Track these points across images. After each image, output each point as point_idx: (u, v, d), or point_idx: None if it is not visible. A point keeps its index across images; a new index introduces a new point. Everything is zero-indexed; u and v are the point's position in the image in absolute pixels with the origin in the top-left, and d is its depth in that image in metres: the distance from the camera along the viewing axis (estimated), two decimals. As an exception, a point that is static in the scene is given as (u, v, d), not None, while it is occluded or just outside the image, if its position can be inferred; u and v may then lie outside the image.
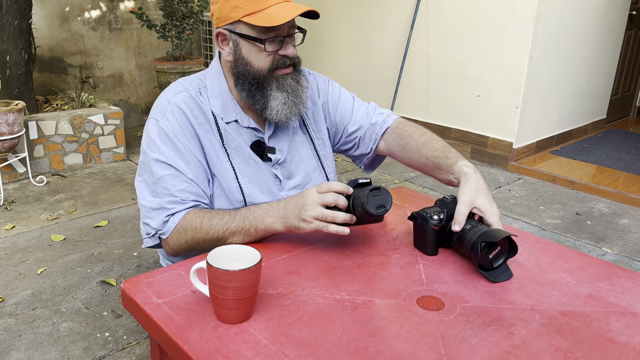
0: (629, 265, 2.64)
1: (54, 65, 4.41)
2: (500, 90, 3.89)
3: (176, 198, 1.18)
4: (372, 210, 1.04)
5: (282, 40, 1.20)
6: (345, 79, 4.99)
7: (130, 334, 2.02)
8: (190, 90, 1.26)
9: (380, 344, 0.84)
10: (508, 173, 3.92)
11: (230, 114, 1.28)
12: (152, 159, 1.21)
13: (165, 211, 1.18)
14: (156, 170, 1.20)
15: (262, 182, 1.30)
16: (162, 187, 1.19)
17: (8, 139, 3.16)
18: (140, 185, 1.24)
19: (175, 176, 1.19)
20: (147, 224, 1.21)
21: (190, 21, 4.45)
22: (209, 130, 1.25)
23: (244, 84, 1.24)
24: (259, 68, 1.22)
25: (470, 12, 3.94)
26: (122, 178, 3.62)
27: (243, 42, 1.21)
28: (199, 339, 0.84)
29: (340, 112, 1.44)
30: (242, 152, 1.28)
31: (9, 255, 2.56)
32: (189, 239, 1.17)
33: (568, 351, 0.84)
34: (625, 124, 5.19)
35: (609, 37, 4.51)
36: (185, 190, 1.19)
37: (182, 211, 1.18)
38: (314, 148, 1.40)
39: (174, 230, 1.17)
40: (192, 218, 1.16)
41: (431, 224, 1.10)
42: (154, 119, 1.24)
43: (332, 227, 1.07)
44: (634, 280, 1.06)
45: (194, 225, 1.16)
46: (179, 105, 1.23)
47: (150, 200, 1.20)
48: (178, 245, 1.19)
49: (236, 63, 1.23)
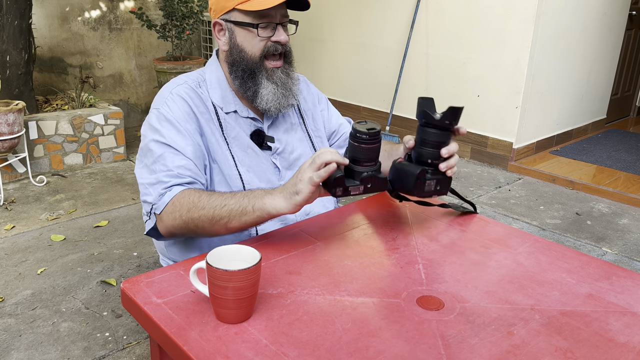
0: (629, 265, 2.64)
1: (54, 65, 4.41)
2: (500, 90, 3.89)
3: (173, 172, 1.18)
4: (362, 130, 1.02)
5: (275, 27, 1.25)
6: (345, 79, 4.99)
7: (130, 334, 2.02)
8: (190, 82, 1.30)
9: (380, 344, 0.84)
10: (508, 173, 3.92)
11: (229, 104, 1.32)
12: (151, 140, 1.23)
13: (162, 184, 1.18)
14: (155, 150, 1.21)
15: (260, 171, 1.32)
16: (161, 164, 1.20)
17: (8, 139, 3.16)
18: (140, 169, 1.25)
19: (174, 154, 1.20)
20: (145, 201, 1.21)
21: (190, 21, 4.45)
22: (210, 119, 1.28)
23: (237, 72, 1.28)
24: (252, 54, 1.26)
25: (470, 12, 3.94)
26: (122, 178, 3.62)
27: (238, 30, 1.26)
28: (198, 339, 0.84)
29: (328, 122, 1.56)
30: (241, 142, 1.31)
31: (9, 255, 2.56)
32: (184, 214, 1.14)
33: (568, 351, 0.84)
34: (625, 124, 5.19)
35: (609, 37, 4.51)
36: (184, 167, 1.19)
37: (179, 186, 1.17)
38: (312, 145, 1.44)
39: (168, 203, 1.16)
40: (190, 193, 1.15)
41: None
42: (155, 109, 1.27)
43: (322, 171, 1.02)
44: (633, 280, 1.06)
45: (191, 199, 1.14)
46: (180, 95, 1.26)
47: (148, 177, 1.21)
48: (171, 221, 1.16)
49: (231, 51, 1.29)
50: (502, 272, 1.07)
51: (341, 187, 1.06)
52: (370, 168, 1.08)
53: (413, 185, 1.14)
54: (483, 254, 1.14)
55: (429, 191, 1.16)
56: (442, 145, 1.14)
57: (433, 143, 1.13)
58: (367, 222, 1.29)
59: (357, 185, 1.07)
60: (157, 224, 1.21)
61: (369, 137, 1.04)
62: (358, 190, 1.08)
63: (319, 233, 1.22)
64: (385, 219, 1.30)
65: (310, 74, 5.17)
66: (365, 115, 4.86)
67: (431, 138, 1.13)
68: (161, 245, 1.39)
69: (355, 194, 1.08)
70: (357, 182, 1.07)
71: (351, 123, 1.62)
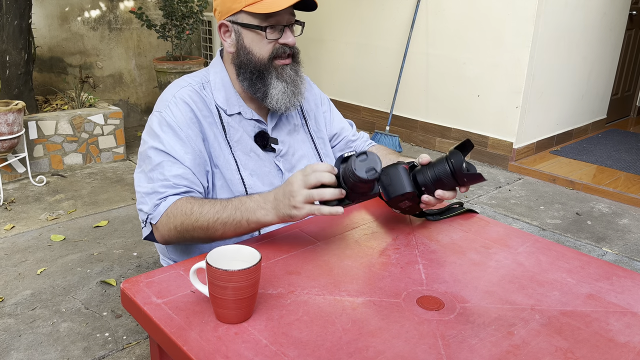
0: (629, 265, 2.64)
1: (53, 65, 4.41)
2: (500, 90, 3.89)
3: (169, 182, 1.18)
4: (362, 175, 1.00)
5: (282, 29, 1.25)
6: (345, 79, 4.99)
7: (130, 334, 2.02)
8: (194, 85, 1.29)
9: (380, 344, 0.84)
10: (508, 173, 3.92)
11: (233, 106, 1.31)
12: (150, 147, 1.22)
13: (157, 195, 1.18)
14: (154, 157, 1.21)
15: (263, 175, 1.32)
16: (159, 173, 1.19)
17: (8, 139, 3.16)
18: (138, 175, 1.25)
19: (173, 163, 1.20)
20: (141, 210, 1.21)
21: (190, 21, 4.45)
22: (213, 123, 1.28)
23: (246, 73, 1.28)
24: (260, 56, 1.26)
25: (470, 12, 3.94)
26: (122, 178, 3.61)
27: (245, 32, 1.25)
28: (198, 339, 0.84)
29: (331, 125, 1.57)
30: (244, 145, 1.31)
31: (9, 255, 2.56)
32: (178, 225, 1.14)
33: (568, 351, 0.84)
34: (625, 124, 5.19)
35: (609, 37, 4.51)
36: (180, 176, 1.19)
37: (174, 196, 1.17)
38: (314, 146, 1.44)
39: (163, 214, 1.16)
40: (183, 204, 1.15)
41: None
42: (157, 112, 1.26)
43: (324, 209, 1.03)
44: (634, 280, 1.06)
45: (184, 210, 1.14)
46: (183, 99, 1.25)
47: (145, 186, 1.20)
48: (167, 231, 1.17)
49: (238, 53, 1.28)
50: (502, 272, 1.07)
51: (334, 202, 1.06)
52: (365, 198, 1.09)
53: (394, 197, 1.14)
54: (483, 254, 1.14)
55: (399, 207, 1.19)
56: (441, 186, 1.13)
57: (439, 180, 1.13)
58: (367, 222, 1.29)
59: (350, 203, 1.08)
60: (153, 232, 1.21)
61: (367, 180, 1.01)
62: (350, 205, 1.09)
63: (319, 233, 1.22)
64: (385, 219, 1.30)
65: (311, 74, 5.17)
66: (366, 115, 4.86)
67: (442, 176, 1.12)
68: (161, 246, 1.39)
69: (348, 205, 1.09)
70: (350, 201, 1.07)
71: (353, 127, 1.61)
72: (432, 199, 1.14)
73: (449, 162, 1.12)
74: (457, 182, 1.13)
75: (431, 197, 1.14)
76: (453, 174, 1.11)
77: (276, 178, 1.34)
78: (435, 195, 1.13)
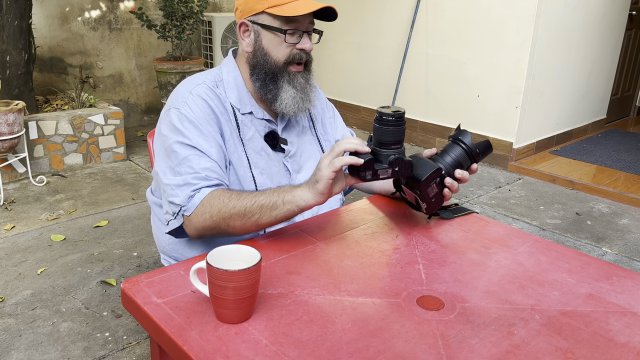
0: (629, 265, 2.64)
1: (54, 65, 4.41)
2: (500, 90, 3.89)
3: (200, 174, 1.19)
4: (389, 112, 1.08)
5: (301, 35, 1.27)
6: (345, 78, 4.99)
7: (130, 334, 2.02)
8: (208, 82, 1.31)
9: (380, 344, 0.84)
10: (508, 173, 3.92)
11: (245, 105, 1.33)
12: (175, 141, 1.23)
13: (190, 186, 1.18)
14: (180, 151, 1.21)
15: (272, 174, 1.34)
16: (187, 166, 1.20)
17: (8, 139, 3.16)
18: (162, 168, 1.25)
19: (200, 156, 1.21)
20: (172, 202, 1.20)
21: (190, 21, 4.44)
22: (228, 120, 1.29)
23: (259, 74, 1.30)
24: (276, 59, 1.28)
25: (470, 12, 3.94)
26: (122, 178, 3.62)
27: (265, 33, 1.27)
28: (199, 339, 0.84)
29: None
30: (256, 143, 1.33)
31: (9, 255, 2.56)
32: (214, 214, 1.15)
33: (568, 351, 0.84)
34: (625, 124, 5.19)
35: (609, 37, 4.51)
36: (210, 169, 1.20)
37: (207, 187, 1.18)
38: (321, 149, 1.46)
39: (199, 205, 1.17)
40: (220, 193, 1.17)
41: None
42: (175, 108, 1.26)
43: (345, 158, 1.07)
44: (634, 280, 1.06)
45: (221, 200, 1.15)
46: (200, 95, 1.27)
47: (174, 179, 1.20)
48: (202, 222, 1.17)
49: (255, 53, 1.30)
50: (502, 272, 1.07)
51: (370, 170, 1.09)
52: (397, 150, 1.11)
53: (427, 175, 1.15)
54: (483, 254, 1.14)
55: (426, 199, 1.19)
56: (459, 166, 1.21)
57: (457, 162, 1.20)
58: (367, 222, 1.29)
59: (385, 169, 1.10)
60: (184, 225, 1.21)
61: (394, 119, 1.08)
62: (387, 174, 1.11)
63: (319, 233, 1.22)
64: (385, 219, 1.31)
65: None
66: (365, 115, 4.86)
67: (460, 158, 1.21)
68: (163, 244, 1.39)
69: (384, 177, 1.10)
70: (386, 165, 1.10)
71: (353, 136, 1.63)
72: (466, 174, 1.22)
73: (461, 144, 1.21)
74: (473, 159, 1.22)
75: (465, 172, 1.22)
76: (468, 152, 1.21)
77: (284, 178, 1.36)
78: (456, 175, 1.20)
